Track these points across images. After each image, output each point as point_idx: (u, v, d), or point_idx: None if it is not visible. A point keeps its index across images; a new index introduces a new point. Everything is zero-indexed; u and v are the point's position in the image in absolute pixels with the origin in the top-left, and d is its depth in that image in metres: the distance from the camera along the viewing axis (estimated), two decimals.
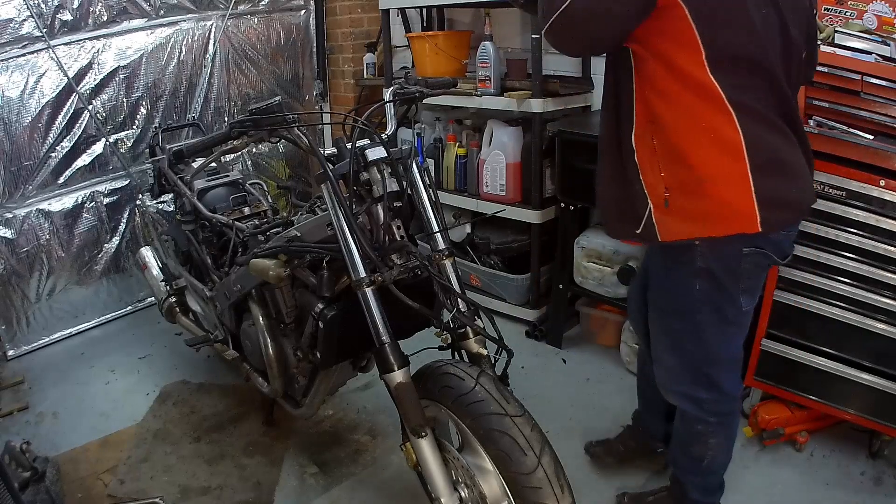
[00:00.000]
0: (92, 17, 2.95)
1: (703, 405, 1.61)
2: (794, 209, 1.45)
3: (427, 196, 1.62)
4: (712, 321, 1.52)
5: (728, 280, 1.46)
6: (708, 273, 1.45)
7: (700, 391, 1.60)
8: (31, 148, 2.89)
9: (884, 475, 2.00)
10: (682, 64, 1.30)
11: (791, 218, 1.47)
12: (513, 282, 2.93)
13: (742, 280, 1.47)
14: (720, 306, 1.50)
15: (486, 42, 2.70)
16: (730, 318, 1.52)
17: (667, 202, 1.39)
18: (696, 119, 1.33)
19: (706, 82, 1.30)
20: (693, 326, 1.54)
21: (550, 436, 1.40)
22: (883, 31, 2.03)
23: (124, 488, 2.08)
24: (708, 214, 1.37)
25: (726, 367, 1.60)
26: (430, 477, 1.45)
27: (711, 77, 1.29)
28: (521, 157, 2.80)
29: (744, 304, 1.51)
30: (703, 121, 1.33)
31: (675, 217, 1.40)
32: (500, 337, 1.50)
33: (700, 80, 1.30)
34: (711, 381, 1.58)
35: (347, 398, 2.49)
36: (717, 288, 1.47)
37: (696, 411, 1.63)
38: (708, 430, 1.66)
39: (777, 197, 1.36)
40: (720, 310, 1.50)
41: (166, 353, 2.93)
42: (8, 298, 2.94)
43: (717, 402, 1.61)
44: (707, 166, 1.35)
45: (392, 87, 1.76)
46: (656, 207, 1.42)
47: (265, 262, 1.70)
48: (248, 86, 3.63)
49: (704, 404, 1.61)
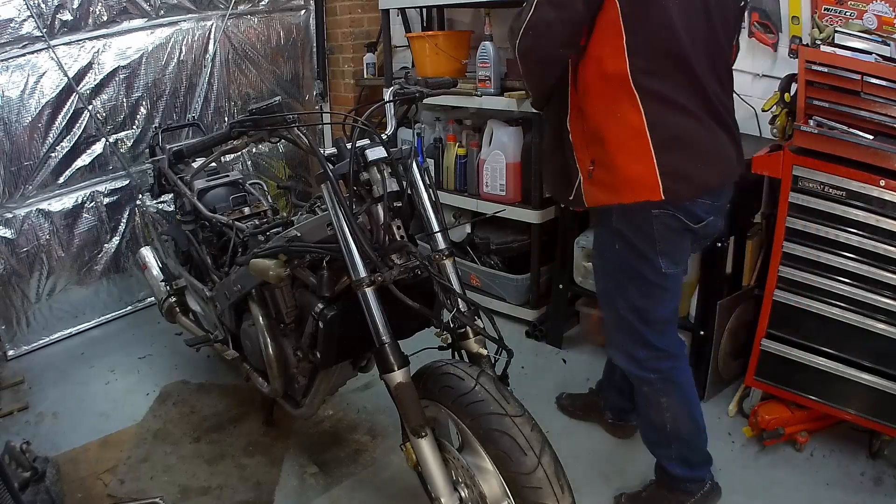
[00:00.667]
0: (92, 17, 2.95)
1: (641, 363, 1.74)
2: (696, 184, 1.57)
3: (427, 196, 1.62)
4: (634, 281, 1.67)
5: (641, 242, 1.62)
6: (622, 235, 1.64)
7: (637, 349, 1.73)
8: (31, 148, 2.89)
9: (884, 475, 2.00)
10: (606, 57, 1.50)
11: (693, 190, 1.58)
12: (513, 282, 2.93)
13: (657, 242, 1.61)
14: (638, 267, 1.65)
15: (486, 42, 2.70)
16: (651, 279, 1.66)
17: (590, 174, 1.63)
18: (609, 105, 1.54)
19: (621, 70, 1.49)
20: (618, 285, 1.71)
21: (550, 436, 1.40)
22: (883, 31, 2.03)
23: (124, 488, 2.08)
24: (618, 185, 1.58)
25: (657, 328, 1.72)
26: (430, 477, 1.46)
27: (627, 65, 1.48)
28: (521, 157, 2.80)
29: (664, 266, 1.64)
30: (613, 106, 1.54)
31: (596, 187, 1.63)
32: (500, 337, 1.50)
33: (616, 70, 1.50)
34: (645, 339, 1.71)
35: (347, 398, 2.49)
36: (631, 249, 1.64)
37: (637, 370, 1.75)
38: (655, 390, 1.75)
39: (678, 171, 1.53)
40: (639, 270, 1.65)
41: (166, 353, 2.93)
42: (8, 298, 2.94)
43: (654, 358, 1.73)
44: (617, 145, 1.56)
45: (392, 87, 1.76)
46: (584, 179, 1.65)
47: (265, 262, 1.70)
48: (248, 86, 3.63)
49: (642, 362, 1.73)
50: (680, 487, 1.83)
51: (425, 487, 1.59)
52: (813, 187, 1.91)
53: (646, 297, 1.68)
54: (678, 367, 1.77)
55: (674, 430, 1.76)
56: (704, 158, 1.57)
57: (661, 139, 1.52)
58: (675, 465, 1.81)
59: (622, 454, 2.15)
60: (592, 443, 2.22)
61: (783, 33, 2.37)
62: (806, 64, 1.85)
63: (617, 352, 1.81)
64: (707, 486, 1.84)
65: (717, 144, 1.60)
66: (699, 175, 1.56)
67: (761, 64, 2.46)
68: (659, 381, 1.74)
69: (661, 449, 1.83)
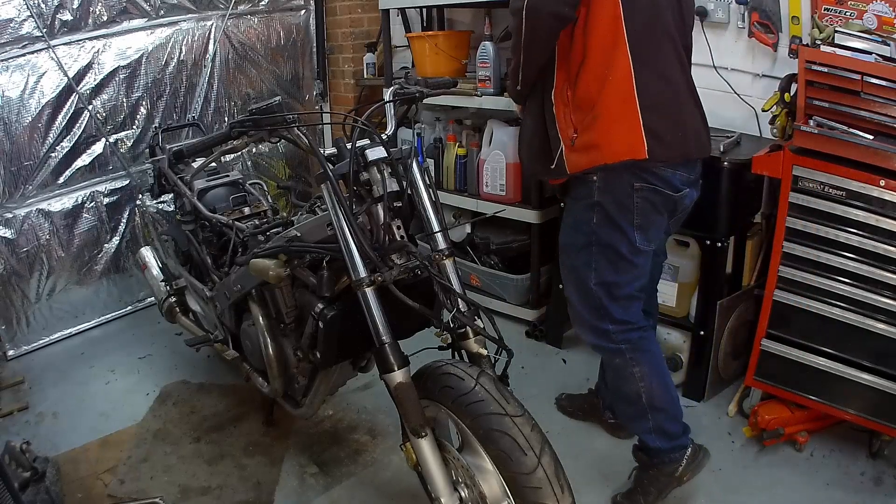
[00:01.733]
0: (92, 17, 2.95)
1: (609, 336, 1.79)
2: (677, 150, 1.66)
3: (427, 196, 1.62)
4: (606, 255, 1.73)
5: (619, 214, 1.68)
6: (602, 207, 1.69)
7: (605, 322, 1.78)
8: (31, 148, 2.89)
9: (884, 475, 2.00)
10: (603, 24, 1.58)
11: (674, 155, 1.67)
12: (513, 282, 2.93)
13: (635, 216, 1.68)
14: (613, 241, 1.71)
15: (486, 42, 2.70)
16: (623, 253, 1.71)
17: (573, 141, 1.67)
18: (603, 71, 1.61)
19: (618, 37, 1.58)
20: (589, 260, 1.75)
21: (550, 436, 1.40)
22: (883, 31, 2.03)
23: (124, 488, 2.08)
24: (603, 145, 1.63)
25: (622, 304, 1.78)
26: (430, 477, 1.45)
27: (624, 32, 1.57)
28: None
29: (638, 241, 1.71)
30: (607, 71, 1.60)
31: (578, 153, 1.67)
32: (500, 337, 1.50)
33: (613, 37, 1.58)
34: (611, 315, 1.77)
35: (347, 398, 2.49)
36: (609, 221, 1.69)
37: (607, 342, 1.80)
38: (626, 360, 1.80)
39: (662, 133, 1.62)
40: (613, 244, 1.71)
41: (166, 353, 2.93)
42: (8, 298, 2.94)
43: (622, 331, 1.79)
44: (604, 107, 1.62)
45: (392, 87, 1.77)
46: (566, 147, 1.69)
47: (265, 262, 1.70)
48: (248, 86, 3.63)
49: (611, 334, 1.79)
50: (664, 460, 1.83)
51: (425, 487, 1.58)
52: (813, 187, 1.91)
53: (616, 271, 1.74)
54: (646, 338, 1.84)
55: (648, 400, 1.80)
56: (683, 128, 1.67)
57: (648, 104, 1.61)
58: (655, 438, 1.82)
59: (622, 454, 2.14)
60: (592, 443, 2.22)
61: (783, 33, 2.37)
62: (806, 64, 1.85)
63: (584, 329, 1.86)
64: (690, 451, 1.84)
65: (693, 118, 1.72)
66: (679, 143, 1.66)
67: (761, 64, 2.47)
68: (629, 351, 1.79)
69: (638, 422, 1.85)
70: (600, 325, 1.80)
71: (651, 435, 1.83)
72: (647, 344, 1.84)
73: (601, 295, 1.76)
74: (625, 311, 1.79)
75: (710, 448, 1.98)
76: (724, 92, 2.51)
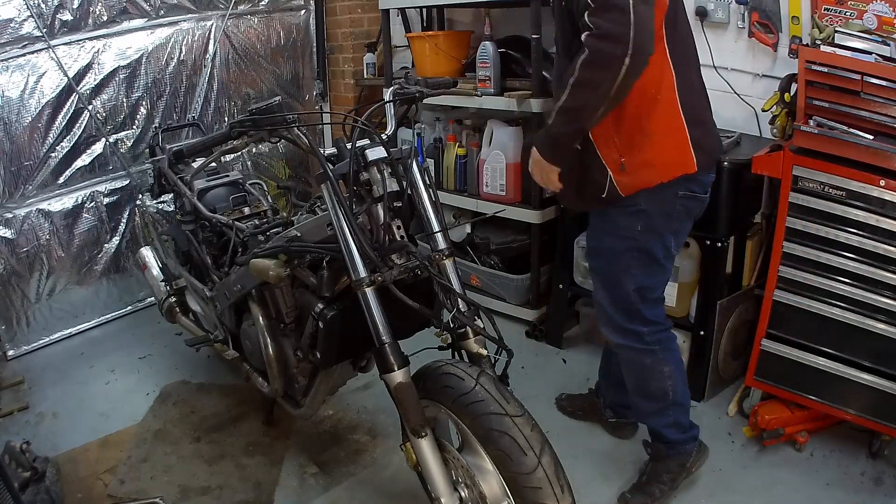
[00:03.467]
0: (92, 17, 2.95)
1: (642, 337, 1.82)
2: (712, 156, 1.76)
3: (427, 196, 1.62)
4: (642, 261, 1.75)
5: (663, 221, 1.72)
6: (647, 214, 1.71)
7: (637, 324, 1.82)
8: (31, 148, 2.89)
9: (884, 475, 2.00)
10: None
11: (711, 161, 1.75)
12: (513, 282, 2.93)
13: (674, 222, 1.73)
14: (652, 245, 1.74)
15: (486, 42, 2.70)
16: (659, 259, 1.76)
17: (623, 166, 1.67)
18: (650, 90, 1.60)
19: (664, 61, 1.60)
20: (625, 266, 1.77)
21: (550, 436, 1.40)
22: (883, 31, 2.03)
23: (124, 488, 2.08)
24: (658, 165, 1.65)
25: (652, 304, 1.83)
26: (430, 477, 1.46)
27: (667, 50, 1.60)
28: (521, 157, 2.79)
29: (673, 246, 1.78)
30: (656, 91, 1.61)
31: (630, 175, 1.67)
32: (500, 337, 1.50)
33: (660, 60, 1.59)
34: (643, 317, 1.81)
35: (347, 398, 2.49)
36: (651, 229, 1.72)
37: (638, 343, 1.83)
38: (658, 360, 1.84)
39: (703, 143, 1.68)
40: (651, 250, 1.74)
41: (166, 353, 2.93)
42: (8, 298, 2.94)
43: (654, 332, 1.83)
44: (657, 125, 1.64)
45: (392, 87, 1.77)
46: (615, 172, 1.68)
47: (265, 262, 1.70)
48: (248, 86, 3.63)
49: (644, 336, 1.82)
50: (679, 451, 1.91)
51: (425, 487, 1.58)
52: (813, 187, 1.91)
53: (650, 275, 1.78)
54: (672, 337, 1.91)
55: (674, 397, 1.86)
56: (714, 133, 1.77)
57: (690, 117, 1.66)
58: (672, 431, 1.90)
59: (622, 454, 2.14)
60: (592, 443, 2.22)
61: (783, 33, 2.37)
62: (806, 64, 1.85)
63: (613, 331, 1.87)
64: (698, 443, 1.96)
65: (712, 120, 1.80)
66: (713, 148, 1.75)
67: (761, 64, 2.46)
68: (661, 351, 1.84)
69: (658, 417, 1.90)
70: (632, 328, 1.82)
71: (670, 429, 1.90)
72: (673, 343, 1.90)
73: (636, 299, 1.79)
74: (655, 313, 1.83)
75: (711, 448, 2.00)
76: (724, 92, 2.51)
